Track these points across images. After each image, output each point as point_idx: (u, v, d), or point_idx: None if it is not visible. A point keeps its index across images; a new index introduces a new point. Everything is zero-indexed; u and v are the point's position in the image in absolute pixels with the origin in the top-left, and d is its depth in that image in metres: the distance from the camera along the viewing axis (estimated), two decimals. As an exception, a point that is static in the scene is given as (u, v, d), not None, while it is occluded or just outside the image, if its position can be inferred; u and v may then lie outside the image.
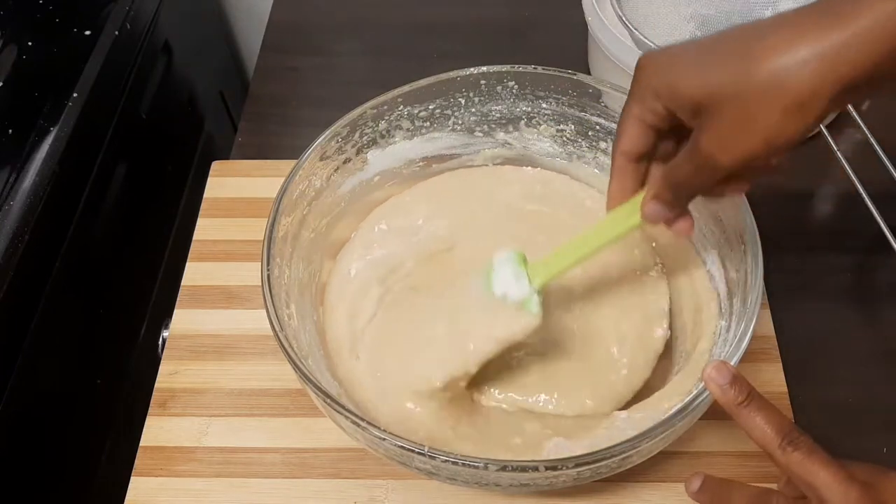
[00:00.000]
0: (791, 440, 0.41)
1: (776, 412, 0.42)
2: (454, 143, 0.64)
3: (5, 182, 0.64)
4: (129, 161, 0.80)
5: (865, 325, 0.65)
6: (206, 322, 0.63)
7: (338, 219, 0.61)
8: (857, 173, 0.56)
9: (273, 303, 0.49)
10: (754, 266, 0.49)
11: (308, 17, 0.92)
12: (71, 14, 0.78)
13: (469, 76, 0.60)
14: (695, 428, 0.48)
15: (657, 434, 0.44)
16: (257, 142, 0.79)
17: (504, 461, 0.43)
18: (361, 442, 0.47)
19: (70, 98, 0.70)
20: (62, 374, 0.69)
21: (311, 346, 0.53)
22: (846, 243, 0.69)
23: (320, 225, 0.59)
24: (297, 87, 0.84)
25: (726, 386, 0.42)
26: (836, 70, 0.35)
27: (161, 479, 0.56)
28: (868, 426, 0.59)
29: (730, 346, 0.48)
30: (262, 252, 0.51)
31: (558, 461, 0.44)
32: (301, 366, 0.47)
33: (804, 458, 0.40)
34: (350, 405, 0.49)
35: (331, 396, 0.46)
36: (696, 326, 0.55)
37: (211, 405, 0.59)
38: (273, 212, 0.53)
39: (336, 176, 0.59)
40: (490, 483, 0.46)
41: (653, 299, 0.58)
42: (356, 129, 0.59)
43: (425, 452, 0.43)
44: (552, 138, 0.63)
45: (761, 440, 0.42)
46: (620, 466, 0.47)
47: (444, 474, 0.46)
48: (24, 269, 0.61)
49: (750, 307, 0.48)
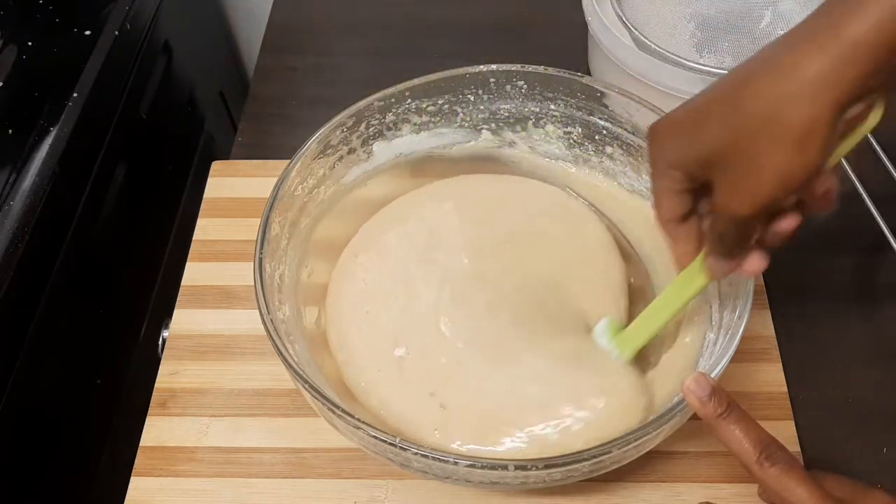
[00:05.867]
0: (769, 455, 0.41)
1: (755, 426, 0.42)
2: (461, 139, 0.64)
3: (5, 182, 0.64)
4: (129, 161, 0.80)
5: (865, 325, 0.65)
6: (206, 322, 0.63)
7: (335, 217, 0.61)
8: (857, 173, 0.56)
9: (266, 302, 0.49)
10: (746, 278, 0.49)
11: (308, 17, 0.92)
12: (71, 14, 0.78)
13: (478, 73, 0.60)
14: (695, 428, 0.48)
15: (629, 441, 0.44)
16: (257, 142, 0.79)
17: (474, 458, 0.44)
18: (355, 441, 0.48)
19: (70, 98, 0.70)
20: (62, 374, 0.69)
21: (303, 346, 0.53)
22: (846, 243, 0.69)
23: (317, 224, 0.59)
24: (297, 87, 0.84)
25: (705, 398, 0.42)
26: (830, 94, 0.34)
27: (161, 479, 0.56)
28: (868, 426, 0.59)
29: (714, 358, 0.48)
30: (255, 251, 0.51)
31: (528, 461, 0.44)
32: (293, 364, 0.47)
33: (781, 474, 0.41)
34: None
35: (324, 394, 0.46)
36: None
37: (211, 405, 0.59)
38: (267, 209, 0.53)
39: (340, 166, 0.59)
40: (461, 479, 0.46)
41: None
42: (362, 120, 0.59)
43: (397, 444, 0.44)
44: (559, 140, 0.63)
45: (739, 453, 0.42)
46: (594, 471, 0.47)
47: (415, 467, 0.46)
48: (24, 269, 0.61)
49: (736, 321, 0.48)
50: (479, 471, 0.44)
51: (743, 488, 0.54)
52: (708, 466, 0.55)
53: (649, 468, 0.55)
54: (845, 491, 0.42)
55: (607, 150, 0.62)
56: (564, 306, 0.57)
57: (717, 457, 0.55)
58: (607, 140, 0.61)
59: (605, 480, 0.54)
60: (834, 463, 0.56)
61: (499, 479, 0.47)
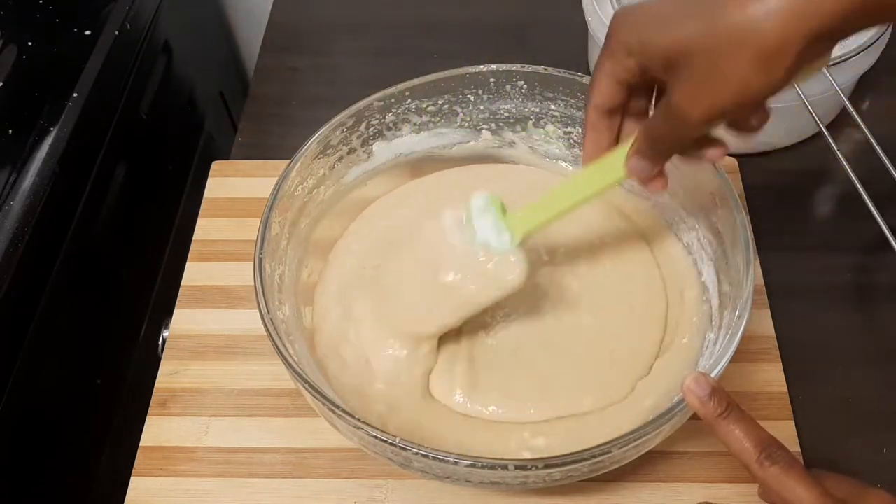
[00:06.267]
0: (769, 454, 0.41)
1: (755, 425, 0.42)
2: (461, 139, 0.64)
3: (5, 182, 0.64)
4: (129, 161, 0.80)
5: (865, 325, 0.65)
6: (206, 322, 0.63)
7: (334, 217, 0.61)
8: (857, 173, 0.56)
9: (266, 302, 0.49)
10: (745, 277, 0.49)
11: (308, 17, 0.92)
12: (71, 14, 0.78)
13: (478, 73, 0.60)
14: (695, 428, 0.48)
15: (629, 441, 0.44)
16: (257, 142, 0.79)
17: (474, 458, 0.44)
18: (355, 441, 0.48)
19: (70, 98, 0.70)
20: (62, 374, 0.69)
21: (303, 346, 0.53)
22: (846, 243, 0.69)
23: (317, 224, 0.59)
24: (297, 87, 0.84)
25: (705, 398, 0.42)
26: (805, 21, 0.35)
27: (161, 479, 0.56)
28: (868, 426, 0.59)
29: (714, 358, 0.48)
30: (255, 251, 0.51)
31: (528, 461, 0.44)
32: (293, 364, 0.47)
33: (781, 474, 0.40)
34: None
35: (324, 394, 0.46)
36: (679, 307, 0.57)
37: (211, 405, 0.59)
38: (267, 209, 0.53)
39: (340, 166, 0.59)
40: (461, 479, 0.46)
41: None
42: (362, 120, 0.59)
43: (397, 444, 0.44)
44: (559, 140, 0.63)
45: (739, 453, 0.42)
46: (594, 471, 0.47)
47: (415, 466, 0.46)
48: (24, 269, 0.61)
49: (736, 321, 0.48)
50: (479, 471, 0.44)
51: (743, 488, 0.54)
52: (708, 466, 0.55)
53: (649, 468, 0.55)
54: (845, 490, 0.42)
55: (607, 149, 0.62)
56: None
57: (717, 457, 0.55)
58: (608, 140, 0.61)
59: (605, 480, 0.54)
60: (834, 463, 0.56)
61: (499, 479, 0.47)
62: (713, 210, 0.54)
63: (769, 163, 0.74)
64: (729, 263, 0.52)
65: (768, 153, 0.75)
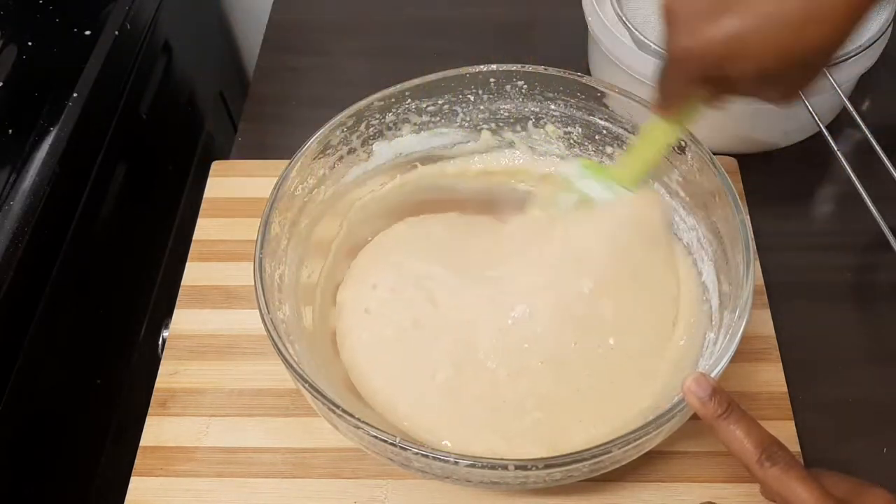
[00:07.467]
0: (769, 455, 0.41)
1: (756, 425, 0.42)
2: (461, 139, 0.64)
3: (5, 182, 0.64)
4: (129, 161, 0.80)
5: (865, 325, 0.65)
6: (206, 322, 0.63)
7: (335, 217, 0.61)
8: (857, 173, 0.56)
9: (266, 302, 0.49)
10: (745, 277, 0.49)
11: (308, 17, 0.92)
12: (71, 14, 0.78)
13: (478, 73, 0.60)
14: (695, 428, 0.48)
15: (629, 441, 0.44)
16: (257, 142, 0.79)
17: (474, 458, 0.44)
18: (355, 441, 0.48)
19: (70, 98, 0.70)
20: (62, 374, 0.69)
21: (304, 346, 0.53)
22: (846, 243, 0.69)
23: (317, 224, 0.59)
24: (297, 87, 0.84)
25: (706, 398, 0.43)
26: None
27: (161, 479, 0.56)
28: (868, 426, 0.59)
29: (714, 358, 0.48)
30: (255, 251, 0.51)
31: (528, 461, 0.44)
32: (293, 364, 0.47)
33: (781, 474, 0.41)
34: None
35: (324, 394, 0.46)
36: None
37: (211, 405, 0.59)
38: (267, 209, 0.53)
39: (340, 166, 0.59)
40: (461, 479, 0.46)
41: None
42: (362, 120, 0.59)
43: (397, 444, 0.44)
44: (559, 140, 0.63)
45: (740, 453, 0.42)
46: (594, 471, 0.47)
47: (415, 466, 0.46)
48: (24, 269, 0.61)
49: (736, 321, 0.48)
50: (479, 471, 0.44)
51: (744, 488, 0.54)
52: (708, 466, 0.55)
53: (649, 468, 0.55)
54: (845, 488, 0.42)
55: (607, 150, 0.62)
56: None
57: (717, 457, 0.55)
58: (607, 140, 0.61)
59: (605, 480, 0.54)
60: (834, 463, 0.55)
61: (499, 479, 0.47)
62: (713, 210, 0.54)
63: (769, 163, 0.74)
64: (729, 263, 0.52)
65: (768, 153, 0.75)
